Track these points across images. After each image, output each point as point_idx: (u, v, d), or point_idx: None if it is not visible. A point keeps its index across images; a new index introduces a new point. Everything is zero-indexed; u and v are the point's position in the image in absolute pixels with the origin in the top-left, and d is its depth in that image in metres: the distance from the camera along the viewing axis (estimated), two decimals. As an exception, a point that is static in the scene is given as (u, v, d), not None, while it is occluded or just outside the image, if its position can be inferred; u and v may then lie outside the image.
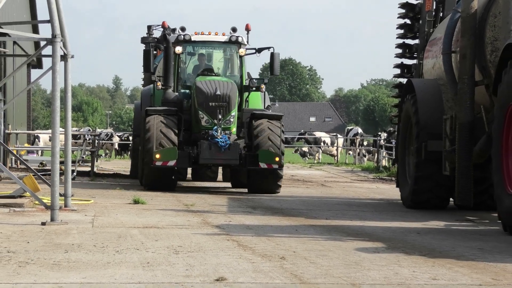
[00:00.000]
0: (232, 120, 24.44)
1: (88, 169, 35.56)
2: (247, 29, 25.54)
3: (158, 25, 29.06)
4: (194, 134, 24.84)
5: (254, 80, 26.58)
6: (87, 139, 44.85)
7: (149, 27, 31.66)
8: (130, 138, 43.65)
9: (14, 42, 22.01)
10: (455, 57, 19.74)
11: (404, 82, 23.04)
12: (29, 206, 20.00)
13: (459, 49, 19.32)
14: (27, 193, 20.28)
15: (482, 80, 19.04)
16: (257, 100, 26.42)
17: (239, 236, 14.84)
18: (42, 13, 35.88)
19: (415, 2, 24.67)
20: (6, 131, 33.34)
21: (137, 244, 13.68)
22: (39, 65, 30.72)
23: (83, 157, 38.66)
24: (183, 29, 25.26)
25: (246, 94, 25.47)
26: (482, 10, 19.10)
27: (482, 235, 15.84)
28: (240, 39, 26.06)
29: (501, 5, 18.09)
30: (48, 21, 18.90)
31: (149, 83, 29.15)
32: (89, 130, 60.80)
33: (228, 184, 31.56)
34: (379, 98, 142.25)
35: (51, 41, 18.54)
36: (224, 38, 26.36)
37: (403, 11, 25.14)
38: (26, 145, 39.17)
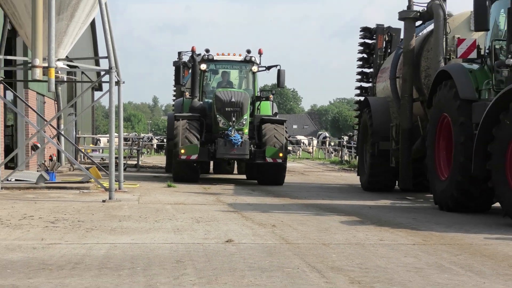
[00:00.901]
0: (244, 122, 22.66)
1: (135, 162, 35.36)
2: (260, 52, 24.15)
3: (187, 51, 26.80)
4: (213, 134, 23.01)
5: (264, 91, 25.03)
6: (134, 141, 44.68)
7: (179, 53, 29.94)
8: (165, 140, 39.90)
9: (82, 72, 21.98)
10: (398, 81, 19.86)
11: (363, 100, 22.99)
12: (93, 189, 20.02)
13: (401, 75, 19.53)
14: (92, 179, 20.42)
15: (418, 97, 19.25)
16: (266, 108, 24.21)
17: (243, 210, 14.88)
18: (102, 49, 35.84)
19: (370, 42, 24.61)
20: (77, 135, 33.33)
21: (170, 216, 13.73)
22: (99, 88, 30.75)
23: (131, 154, 38.50)
24: (207, 50, 23.92)
25: (257, 103, 23.71)
26: (418, 46, 19.31)
27: (416, 209, 15.91)
28: (253, 59, 24.39)
29: (432, 43, 18.36)
30: (106, 57, 19.04)
31: (180, 95, 27.13)
32: (136, 134, 60.52)
33: (242, 176, 28.88)
34: (342, 112, 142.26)
35: (108, 71, 18.67)
36: (240, 58, 24.62)
37: (362, 48, 24.99)
38: (91, 145, 39.06)
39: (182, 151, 21.82)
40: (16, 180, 21.28)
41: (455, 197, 14.29)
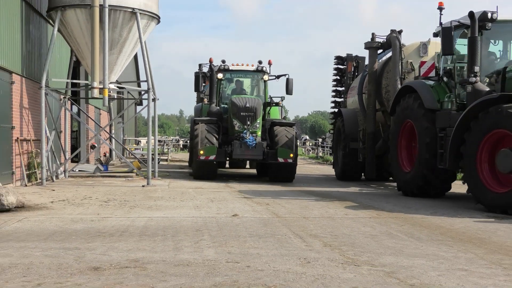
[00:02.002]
0: (258, 126, 19.68)
1: (166, 157, 35.47)
2: (269, 63, 21.50)
3: (206, 63, 23.53)
4: (229, 136, 19.97)
5: (274, 98, 21.81)
6: (166, 142, 44.71)
7: (199, 65, 26.41)
8: (188, 141, 36.55)
9: (128, 91, 22.06)
10: (364, 96, 19.69)
11: (337, 111, 22.66)
12: (136, 177, 19.88)
13: (367, 91, 19.35)
14: (134, 170, 20.46)
15: (380, 108, 19.09)
16: (276, 113, 21.64)
17: (245, 193, 14.87)
18: (142, 74, 35.90)
19: (342, 67, 24.45)
20: (124, 138, 33.33)
21: (191, 197, 13.68)
22: (140, 103, 30.79)
23: (163, 151, 38.55)
24: (223, 61, 21.14)
25: (268, 108, 20.84)
26: (380, 69, 19.10)
27: (374, 194, 15.85)
28: (264, 69, 21.30)
29: (390, 66, 18.17)
30: (145, 81, 19.11)
31: (199, 101, 23.76)
32: (167, 137, 60.47)
33: (253, 170, 25.91)
34: (317, 121, 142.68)
35: (147, 91, 18.70)
36: (252, 68, 21.47)
37: (336, 72, 24.47)
38: (134, 145, 39.02)
39: (201, 152, 18.73)
40: (79, 170, 21.30)
41: (420, 185, 14.03)
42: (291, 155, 18.81)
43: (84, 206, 11.66)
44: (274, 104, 21.31)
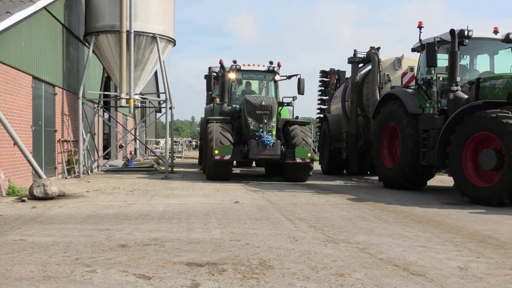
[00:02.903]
0: (273, 125, 16.47)
1: (180, 155, 35.47)
2: (279, 65, 18.07)
3: (216, 66, 20.53)
4: (243, 136, 16.75)
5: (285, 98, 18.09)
6: (180, 142, 44.61)
7: (209, 68, 22.66)
8: (199, 141, 33.98)
9: (149, 101, 22.08)
10: (347, 103, 19.27)
11: (323, 116, 21.81)
12: (159, 170, 19.60)
13: (350, 99, 18.88)
14: (155, 165, 20.41)
15: (361, 113, 18.61)
16: (286, 113, 18.25)
17: (245, 184, 14.85)
18: (161, 87, 35.94)
19: (326, 80, 23.79)
20: (146, 139, 33.26)
21: (201, 187, 13.64)
22: (160, 111, 30.75)
23: (178, 150, 38.48)
24: (234, 61, 17.93)
25: (279, 108, 17.29)
26: (361, 80, 18.63)
27: (358, 186, 15.82)
28: (275, 69, 17.95)
29: (370, 78, 17.87)
30: (163, 92, 19.08)
31: (210, 101, 20.30)
32: (181, 138, 60.27)
33: (260, 169, 22.71)
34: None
35: (165, 101, 18.68)
36: (264, 68, 18.08)
37: (320, 83, 24.19)
38: (154, 145, 38.96)
39: (216, 151, 15.31)
40: (109, 166, 21.27)
41: (401, 182, 13.67)
42: (309, 154, 15.64)
43: (113, 195, 11.64)
44: (286, 104, 17.77)
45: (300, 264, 5.34)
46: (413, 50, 14.43)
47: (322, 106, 24.54)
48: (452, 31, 12.31)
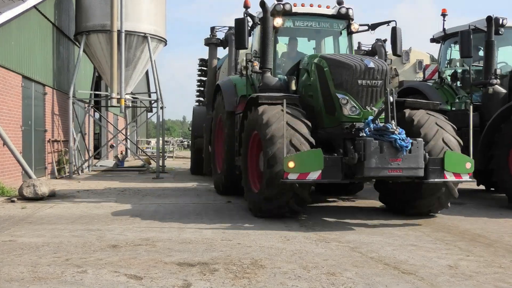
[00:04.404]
0: (382, 107, 7.54)
1: (172, 155, 35.36)
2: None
3: (223, 26, 15.13)
4: (325, 130, 8.12)
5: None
6: (171, 142, 44.50)
7: (212, 29, 15.79)
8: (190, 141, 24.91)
9: (140, 101, 21.95)
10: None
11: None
12: (147, 171, 19.44)
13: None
14: (146, 165, 20.35)
15: None
16: None
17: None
18: (152, 86, 35.76)
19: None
20: (137, 139, 33.12)
21: (193, 187, 13.56)
22: (151, 110, 30.65)
23: (170, 150, 38.32)
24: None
25: None
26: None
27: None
28: (350, 12, 9.93)
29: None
30: (154, 92, 19.10)
31: (213, 77, 15.03)
32: (172, 138, 60.18)
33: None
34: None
35: (156, 101, 18.67)
36: (331, 11, 9.88)
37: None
38: (145, 145, 38.85)
39: (291, 164, 6.92)
40: (100, 166, 21.18)
41: None
42: (468, 164, 7.63)
43: (104, 195, 11.57)
44: None
45: (291, 264, 5.34)
46: (433, 40, 12.83)
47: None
48: (489, 18, 11.04)
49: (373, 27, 10.24)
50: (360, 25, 10.15)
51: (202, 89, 21.00)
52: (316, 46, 10.62)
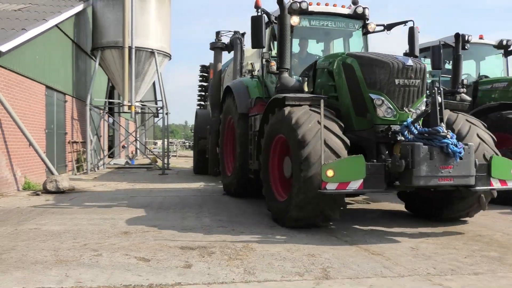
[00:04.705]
0: (420, 109, 6.16)
1: (175, 154, 35.22)
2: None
3: (228, 31, 13.26)
4: (355, 133, 6.32)
5: None
6: (175, 143, 44.30)
7: (217, 33, 13.54)
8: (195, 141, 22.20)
9: (148, 107, 21.87)
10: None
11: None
12: (154, 168, 19.30)
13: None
14: (153, 163, 20.28)
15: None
16: None
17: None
18: (158, 95, 35.63)
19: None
20: (145, 140, 32.98)
21: (194, 181, 13.41)
22: (157, 116, 30.57)
23: (173, 150, 38.19)
24: None
25: None
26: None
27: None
28: (367, 12, 8.08)
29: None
30: (160, 100, 18.98)
31: (218, 86, 12.88)
32: (176, 140, 59.66)
33: None
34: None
35: (161, 107, 18.61)
36: (347, 11, 8.03)
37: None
38: (153, 145, 38.67)
39: (330, 173, 5.35)
40: (113, 163, 21.10)
41: None
42: None
43: (117, 189, 11.53)
44: None
45: (277, 247, 5.38)
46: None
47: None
48: (457, 35, 10.92)
49: (389, 27, 8.54)
50: (377, 25, 8.45)
51: (203, 93, 19.34)
52: (329, 46, 8.88)
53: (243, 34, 12.22)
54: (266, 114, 7.25)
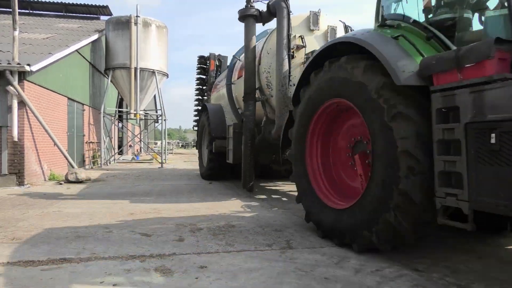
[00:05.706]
0: None
1: (171, 152, 34.72)
2: None
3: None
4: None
5: None
6: (171, 143, 43.60)
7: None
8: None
9: (150, 115, 21.45)
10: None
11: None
12: (155, 163, 18.90)
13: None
14: (154, 159, 19.88)
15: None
16: None
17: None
18: (158, 105, 34.97)
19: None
20: (147, 141, 32.37)
21: (185, 173, 13.27)
22: (157, 121, 30.26)
23: (170, 149, 37.60)
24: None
25: None
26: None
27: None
28: None
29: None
30: (160, 109, 18.62)
31: (252, 70, 7.12)
32: (172, 141, 58.76)
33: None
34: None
35: (160, 115, 18.27)
36: None
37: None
38: (153, 145, 38.01)
39: None
40: (122, 159, 20.61)
41: None
42: None
43: (125, 179, 11.25)
44: None
45: (252, 224, 5.35)
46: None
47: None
48: None
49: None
50: None
51: (201, 87, 14.19)
52: None
53: None
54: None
